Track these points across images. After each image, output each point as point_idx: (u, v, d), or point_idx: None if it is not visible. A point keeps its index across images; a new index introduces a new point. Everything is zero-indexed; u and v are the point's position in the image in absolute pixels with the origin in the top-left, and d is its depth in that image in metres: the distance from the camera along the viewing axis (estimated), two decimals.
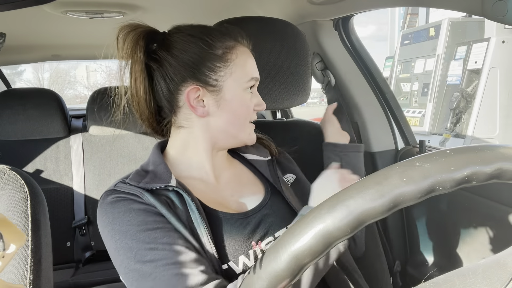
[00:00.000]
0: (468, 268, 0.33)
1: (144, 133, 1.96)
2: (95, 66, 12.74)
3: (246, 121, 0.76)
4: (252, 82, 0.75)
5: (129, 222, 0.63)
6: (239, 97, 0.73)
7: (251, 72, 0.75)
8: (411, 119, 4.85)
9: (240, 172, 0.84)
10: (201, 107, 0.72)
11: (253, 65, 0.76)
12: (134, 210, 0.64)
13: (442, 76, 4.60)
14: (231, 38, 0.74)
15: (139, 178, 0.70)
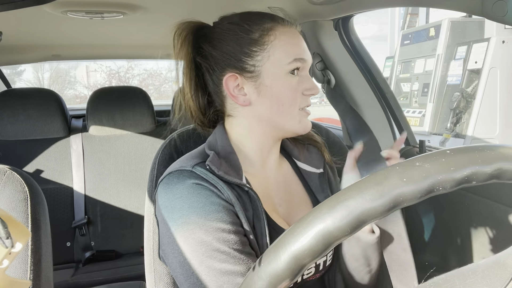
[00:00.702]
0: (468, 268, 0.33)
1: (144, 133, 1.96)
2: (95, 66, 12.73)
3: (294, 108, 0.68)
4: (296, 64, 0.67)
5: (207, 216, 0.60)
6: (280, 81, 0.67)
7: (294, 53, 0.68)
8: (411, 119, 4.85)
9: (290, 179, 0.78)
10: (242, 95, 0.69)
11: (296, 46, 0.69)
12: (215, 205, 0.62)
13: (442, 76, 4.60)
14: (270, 19, 0.69)
15: (217, 163, 0.66)
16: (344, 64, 1.26)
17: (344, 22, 1.25)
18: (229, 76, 0.69)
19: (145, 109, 1.93)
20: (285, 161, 0.80)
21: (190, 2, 1.21)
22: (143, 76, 13.42)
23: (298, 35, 0.71)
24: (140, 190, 1.90)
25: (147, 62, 13.27)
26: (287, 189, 0.76)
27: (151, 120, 1.95)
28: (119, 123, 1.91)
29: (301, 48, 0.70)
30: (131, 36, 1.77)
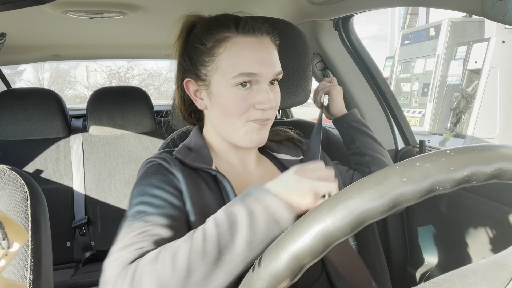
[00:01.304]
0: (468, 268, 0.33)
1: (144, 133, 1.96)
2: (95, 66, 12.73)
3: (239, 120, 0.69)
4: (242, 78, 0.67)
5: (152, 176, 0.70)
6: (227, 93, 0.68)
7: (241, 67, 0.67)
8: (411, 119, 4.85)
9: (271, 171, 0.82)
10: (200, 99, 0.75)
11: (245, 59, 0.67)
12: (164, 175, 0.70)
13: (442, 76, 4.60)
14: (226, 28, 0.69)
15: (184, 153, 0.74)
16: (344, 64, 1.26)
17: (344, 22, 1.25)
18: (187, 81, 0.75)
19: (145, 109, 1.93)
20: (263, 156, 0.85)
21: (190, 2, 1.21)
22: (143, 76, 13.42)
23: (255, 46, 0.68)
24: None
25: (147, 62, 13.27)
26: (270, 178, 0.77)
27: (151, 120, 1.95)
28: (119, 123, 1.91)
29: (252, 61, 0.67)
30: (131, 36, 1.77)
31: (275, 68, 0.70)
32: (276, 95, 0.72)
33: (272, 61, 0.70)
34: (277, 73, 0.71)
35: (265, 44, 0.70)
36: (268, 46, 0.70)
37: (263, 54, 0.69)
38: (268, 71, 0.69)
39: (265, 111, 0.70)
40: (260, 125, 0.71)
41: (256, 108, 0.69)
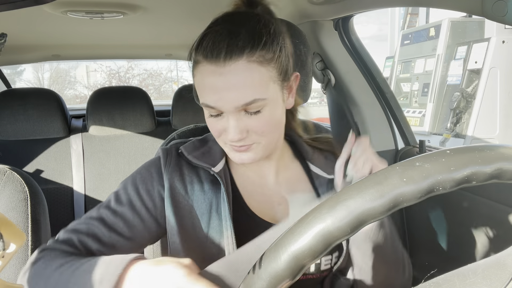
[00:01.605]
0: (468, 268, 0.33)
1: (144, 133, 1.96)
2: (95, 66, 12.73)
3: (219, 140, 0.68)
4: (206, 108, 0.63)
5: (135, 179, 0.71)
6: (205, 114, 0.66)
7: (202, 97, 0.62)
8: (411, 119, 4.85)
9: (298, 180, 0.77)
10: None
11: (203, 90, 0.61)
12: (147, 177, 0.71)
13: (442, 76, 4.61)
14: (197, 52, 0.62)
15: (191, 148, 0.74)
16: (344, 64, 1.26)
17: (344, 22, 1.25)
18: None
19: (145, 109, 1.93)
20: (296, 162, 0.80)
21: (190, 2, 1.21)
22: (143, 76, 13.42)
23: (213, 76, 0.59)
24: None
25: (147, 62, 13.27)
26: (291, 189, 0.76)
27: (151, 120, 1.95)
28: (119, 123, 1.91)
29: (208, 93, 0.60)
30: (131, 36, 1.77)
31: (236, 100, 0.59)
32: (256, 123, 0.62)
33: (233, 91, 0.59)
34: (242, 105, 0.59)
35: (226, 72, 0.58)
36: (231, 74, 0.58)
37: (220, 84, 0.59)
38: (225, 104, 0.60)
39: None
40: (236, 150, 0.65)
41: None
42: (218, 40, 0.59)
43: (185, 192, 0.69)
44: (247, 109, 0.61)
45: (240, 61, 0.58)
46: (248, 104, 0.60)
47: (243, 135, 0.62)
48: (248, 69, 0.59)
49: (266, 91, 0.61)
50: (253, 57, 0.59)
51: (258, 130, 0.63)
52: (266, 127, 0.63)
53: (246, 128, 0.62)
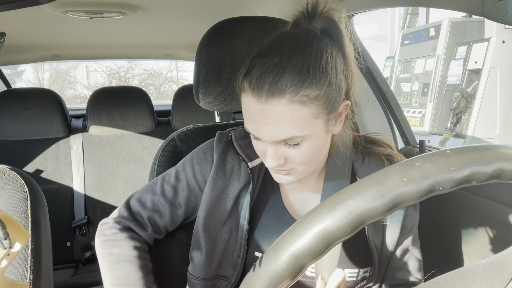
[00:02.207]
0: (468, 268, 0.33)
1: (144, 133, 1.96)
2: (95, 66, 12.72)
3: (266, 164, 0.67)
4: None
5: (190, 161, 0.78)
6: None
7: (246, 123, 0.64)
8: (411, 119, 4.85)
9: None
10: None
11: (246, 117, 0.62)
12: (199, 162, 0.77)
13: (442, 76, 4.60)
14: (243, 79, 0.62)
15: (242, 135, 0.77)
16: None
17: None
18: None
19: (145, 109, 1.93)
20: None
21: (190, 2, 1.21)
22: (143, 76, 13.41)
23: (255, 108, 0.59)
24: None
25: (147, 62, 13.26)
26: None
27: (151, 120, 1.95)
28: (119, 123, 1.91)
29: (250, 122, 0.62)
30: (131, 36, 1.77)
31: (275, 136, 0.59)
32: (294, 154, 0.62)
33: (270, 126, 0.59)
34: (279, 141, 0.60)
35: (270, 108, 0.58)
36: (274, 110, 0.57)
37: (260, 118, 0.59)
38: (264, 137, 0.61)
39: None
40: (276, 172, 0.66)
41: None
42: (264, 74, 0.58)
43: (223, 177, 0.74)
44: (286, 141, 0.61)
45: (281, 100, 0.57)
46: (286, 140, 0.60)
47: (280, 163, 0.63)
48: (289, 108, 0.57)
49: (306, 128, 0.59)
50: (295, 97, 0.57)
51: (295, 159, 0.63)
52: (304, 158, 0.63)
53: (284, 156, 0.63)
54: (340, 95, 0.63)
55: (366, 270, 0.73)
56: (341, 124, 0.67)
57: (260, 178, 0.75)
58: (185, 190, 0.76)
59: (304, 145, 0.61)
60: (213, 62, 0.86)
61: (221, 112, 1.04)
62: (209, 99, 0.88)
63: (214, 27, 0.89)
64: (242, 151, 0.75)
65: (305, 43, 0.60)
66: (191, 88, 0.93)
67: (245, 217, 0.73)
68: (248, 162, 0.74)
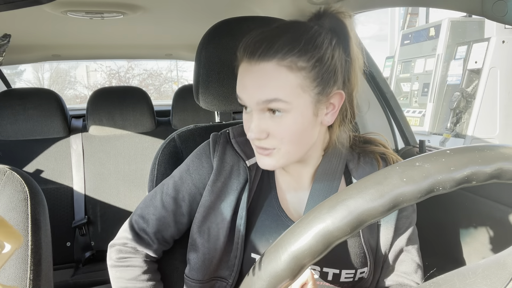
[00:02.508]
0: (468, 268, 0.33)
1: (144, 133, 1.96)
2: (95, 66, 12.72)
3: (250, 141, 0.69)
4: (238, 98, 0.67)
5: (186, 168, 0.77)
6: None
7: (237, 92, 0.67)
8: (411, 119, 4.85)
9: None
10: None
11: (239, 84, 0.66)
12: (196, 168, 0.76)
13: (442, 76, 4.60)
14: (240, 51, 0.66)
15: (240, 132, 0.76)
16: None
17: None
18: None
19: (145, 109, 1.93)
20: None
21: (190, 2, 1.21)
22: (143, 76, 13.41)
23: (246, 71, 0.63)
24: (140, 190, 1.90)
25: (147, 62, 13.27)
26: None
27: (151, 120, 1.95)
28: (119, 123, 1.91)
29: (239, 86, 0.65)
30: (131, 36, 1.77)
31: (257, 96, 0.62)
32: (276, 126, 0.63)
33: (256, 87, 0.62)
34: (262, 101, 0.62)
35: (255, 70, 0.62)
36: (259, 72, 0.62)
37: (248, 80, 0.63)
38: (248, 98, 0.63)
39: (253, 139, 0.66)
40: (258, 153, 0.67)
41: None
42: (260, 41, 0.62)
43: (223, 179, 0.74)
44: (270, 107, 0.62)
45: (270, 63, 0.61)
46: (269, 101, 0.61)
47: (262, 136, 0.64)
48: (275, 70, 0.61)
49: (290, 95, 0.61)
50: (283, 62, 0.60)
51: (277, 135, 0.63)
52: (286, 134, 0.63)
53: (267, 130, 0.64)
54: (334, 81, 0.64)
55: (363, 271, 0.73)
56: (333, 117, 0.67)
57: (258, 177, 0.75)
58: (186, 200, 0.75)
59: (288, 118, 0.62)
60: (213, 62, 0.86)
61: (221, 112, 1.04)
62: (209, 99, 0.88)
63: (214, 27, 0.89)
64: (240, 148, 0.75)
65: (308, 25, 0.64)
66: (191, 88, 0.93)
67: (242, 216, 0.72)
68: (246, 160, 0.74)
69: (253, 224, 0.74)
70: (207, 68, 0.86)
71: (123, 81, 12.76)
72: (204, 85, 0.87)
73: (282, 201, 0.75)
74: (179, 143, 0.91)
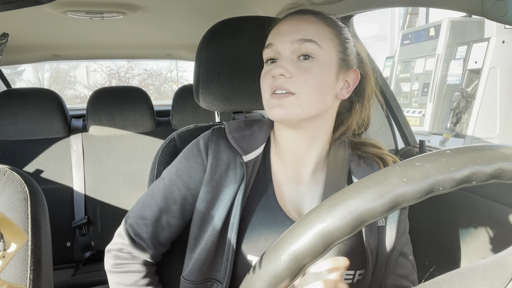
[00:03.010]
0: (468, 268, 0.33)
1: (144, 133, 1.96)
2: (95, 66, 12.73)
3: (265, 94, 0.70)
4: (265, 53, 0.71)
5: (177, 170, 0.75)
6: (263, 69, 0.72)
7: (268, 41, 0.71)
8: (411, 119, 4.86)
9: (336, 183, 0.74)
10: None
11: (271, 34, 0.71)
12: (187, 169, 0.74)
13: (442, 76, 4.60)
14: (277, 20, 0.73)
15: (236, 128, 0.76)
16: None
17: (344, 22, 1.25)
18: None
19: (145, 109, 1.93)
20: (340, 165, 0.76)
21: (190, 2, 1.21)
22: (143, 76, 13.42)
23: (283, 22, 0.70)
24: (140, 190, 1.90)
25: (147, 62, 13.27)
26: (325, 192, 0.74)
27: (151, 120, 1.95)
28: (119, 123, 1.91)
29: (273, 35, 0.70)
30: (131, 36, 1.77)
31: (294, 36, 0.67)
32: (304, 68, 0.66)
33: (293, 30, 0.68)
34: (297, 41, 0.66)
35: (295, 19, 0.70)
36: (298, 20, 0.69)
37: (285, 27, 0.69)
38: (282, 39, 0.68)
39: (275, 78, 0.67)
40: (274, 99, 0.68)
41: (274, 77, 0.68)
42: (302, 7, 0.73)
43: (219, 176, 0.72)
44: (302, 49, 0.67)
45: (311, 17, 0.70)
46: (304, 40, 0.66)
47: (288, 75, 0.66)
48: (314, 23, 0.69)
49: (323, 42, 0.68)
50: (322, 20, 0.70)
51: (301, 76, 0.66)
52: (311, 78, 0.67)
53: (293, 72, 0.66)
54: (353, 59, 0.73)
55: (361, 272, 0.72)
56: (347, 94, 0.73)
57: (254, 173, 0.73)
58: (178, 202, 0.74)
59: (315, 67, 0.67)
60: (213, 62, 0.86)
61: (221, 112, 1.04)
62: (209, 99, 0.88)
63: (214, 27, 0.89)
64: (236, 144, 0.73)
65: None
66: (191, 88, 0.93)
67: (235, 215, 0.70)
68: (243, 156, 0.72)
69: (248, 222, 0.72)
70: (207, 68, 0.86)
71: (123, 81, 12.76)
72: (204, 85, 0.87)
73: (280, 197, 0.73)
74: (179, 143, 0.91)
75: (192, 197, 0.73)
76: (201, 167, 0.73)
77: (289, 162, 0.75)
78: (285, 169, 0.75)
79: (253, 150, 0.73)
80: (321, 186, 0.74)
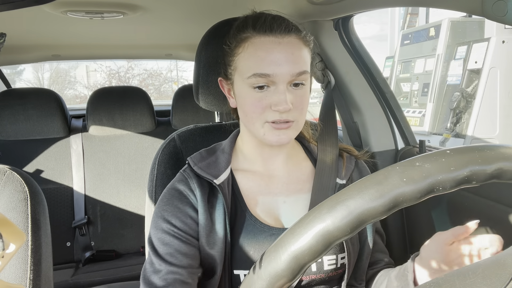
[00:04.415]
0: (468, 268, 0.33)
1: (144, 133, 1.96)
2: (95, 66, 12.73)
3: (257, 121, 0.68)
4: (256, 79, 0.66)
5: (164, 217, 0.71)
6: (244, 93, 0.69)
7: (254, 68, 0.66)
8: (411, 119, 4.85)
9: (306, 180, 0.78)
10: (231, 97, 0.76)
11: (259, 59, 0.66)
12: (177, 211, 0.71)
13: (442, 76, 4.60)
14: (249, 28, 0.68)
15: (197, 159, 0.75)
16: (344, 64, 1.26)
17: (344, 22, 1.25)
18: (220, 79, 0.77)
19: (145, 109, 1.93)
20: (307, 161, 0.82)
21: (190, 2, 1.21)
22: (143, 76, 13.42)
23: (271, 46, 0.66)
24: (140, 190, 1.90)
25: (147, 62, 13.27)
26: (298, 188, 0.77)
27: (151, 120, 1.95)
28: (119, 123, 1.91)
29: (265, 62, 0.65)
30: (131, 36, 1.77)
31: (292, 69, 0.66)
32: (299, 97, 0.68)
33: (290, 61, 0.66)
34: (296, 74, 0.66)
35: (284, 43, 0.66)
36: (288, 45, 0.66)
37: (278, 54, 0.65)
38: (283, 71, 0.65)
39: (282, 113, 0.66)
40: (274, 128, 0.68)
41: (273, 110, 0.67)
42: (276, 19, 0.69)
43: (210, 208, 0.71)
44: (295, 80, 0.67)
45: (292, 36, 0.68)
46: (300, 74, 0.67)
47: (291, 106, 0.67)
48: (297, 43, 0.68)
49: (308, 67, 0.70)
50: (300, 36, 0.69)
51: (299, 105, 0.68)
52: (305, 104, 0.70)
53: (292, 102, 0.67)
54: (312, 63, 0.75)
55: (343, 256, 0.74)
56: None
57: (230, 193, 0.73)
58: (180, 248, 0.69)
59: (305, 88, 0.69)
60: (213, 62, 0.86)
61: (221, 112, 1.04)
62: (209, 99, 0.88)
63: (214, 27, 0.89)
64: (205, 172, 0.72)
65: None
66: (191, 88, 0.93)
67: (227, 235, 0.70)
68: (214, 180, 0.72)
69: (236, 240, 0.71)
70: (207, 68, 0.86)
71: (123, 81, 12.77)
72: (204, 85, 0.87)
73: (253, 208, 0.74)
74: (179, 143, 0.91)
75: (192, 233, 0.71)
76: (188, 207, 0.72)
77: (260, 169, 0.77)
78: (255, 179, 0.77)
79: (222, 172, 0.73)
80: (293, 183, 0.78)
